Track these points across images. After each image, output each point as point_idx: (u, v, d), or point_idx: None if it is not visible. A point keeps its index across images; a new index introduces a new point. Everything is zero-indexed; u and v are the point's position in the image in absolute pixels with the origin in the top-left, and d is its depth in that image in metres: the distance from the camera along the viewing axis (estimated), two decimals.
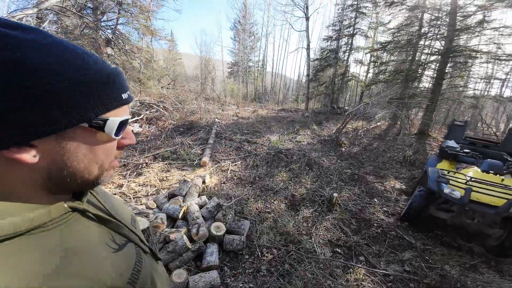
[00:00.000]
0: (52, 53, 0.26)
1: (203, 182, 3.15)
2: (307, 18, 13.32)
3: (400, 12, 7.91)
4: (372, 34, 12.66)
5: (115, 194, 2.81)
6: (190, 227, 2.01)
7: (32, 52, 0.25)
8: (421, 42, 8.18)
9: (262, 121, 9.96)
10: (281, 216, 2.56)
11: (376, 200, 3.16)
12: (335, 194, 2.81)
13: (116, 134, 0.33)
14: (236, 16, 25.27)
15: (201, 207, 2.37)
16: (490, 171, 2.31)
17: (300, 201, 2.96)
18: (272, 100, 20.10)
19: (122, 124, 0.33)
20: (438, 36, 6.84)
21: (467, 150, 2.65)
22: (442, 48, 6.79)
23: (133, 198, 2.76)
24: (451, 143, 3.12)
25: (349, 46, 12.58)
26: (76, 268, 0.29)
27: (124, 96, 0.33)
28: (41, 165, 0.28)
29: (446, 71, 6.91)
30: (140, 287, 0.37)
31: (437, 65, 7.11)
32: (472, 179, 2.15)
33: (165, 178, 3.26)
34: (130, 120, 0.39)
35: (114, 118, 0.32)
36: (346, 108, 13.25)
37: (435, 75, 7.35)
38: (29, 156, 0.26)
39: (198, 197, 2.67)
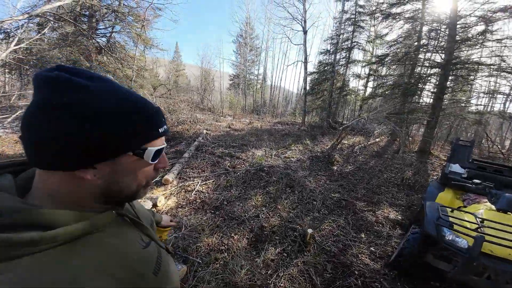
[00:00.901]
0: (111, 100, 0.35)
1: (154, 206, 2.64)
2: (305, 32, 13.32)
3: (397, 23, 7.68)
4: (370, 48, 12.51)
5: None
6: None
7: (98, 100, 0.34)
8: (420, 56, 7.85)
9: (255, 134, 9.52)
10: (237, 257, 2.01)
11: (363, 236, 2.59)
12: (310, 230, 2.26)
13: (153, 160, 0.41)
14: (239, 30, 25.83)
15: None
16: (509, 211, 1.76)
17: (269, 235, 2.41)
18: (270, 112, 19.86)
19: (158, 152, 0.42)
20: (437, 48, 6.50)
21: (478, 181, 2.09)
22: (442, 61, 6.41)
23: None
24: (456, 167, 2.58)
25: (347, 59, 12.40)
26: (123, 259, 0.39)
27: (161, 130, 0.42)
28: (99, 183, 0.38)
29: (447, 85, 6.48)
30: (160, 276, 0.45)
31: (438, 78, 6.70)
32: (485, 222, 1.61)
33: None
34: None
35: (151, 148, 0.40)
36: (345, 122, 12.84)
37: (435, 89, 6.93)
38: (90, 175, 0.36)
39: None
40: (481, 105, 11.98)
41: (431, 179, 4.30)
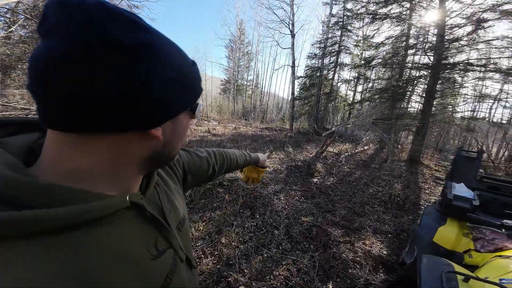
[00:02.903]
0: (177, 48, 0.30)
1: None
2: (293, 35, 12.89)
3: (384, 25, 7.23)
4: (358, 52, 12.16)
5: None
6: None
7: (165, 44, 0.28)
8: (409, 58, 7.39)
9: (235, 140, 8.77)
10: None
11: (330, 287, 1.82)
12: None
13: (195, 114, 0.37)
14: (230, 35, 25.46)
15: None
16: None
17: None
18: (260, 118, 19.23)
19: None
20: (426, 49, 6.01)
21: (510, 222, 1.33)
22: (431, 62, 5.91)
23: None
24: (461, 189, 1.87)
25: (335, 63, 11.98)
26: (109, 277, 0.26)
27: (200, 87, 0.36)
28: (158, 142, 0.31)
29: (437, 88, 5.97)
30: None
31: (427, 81, 6.19)
32: None
33: None
34: None
35: (200, 103, 0.37)
36: (333, 129, 12.29)
37: (424, 93, 6.42)
38: (159, 134, 0.30)
39: None
40: (469, 111, 11.69)
41: (425, 205, 3.60)
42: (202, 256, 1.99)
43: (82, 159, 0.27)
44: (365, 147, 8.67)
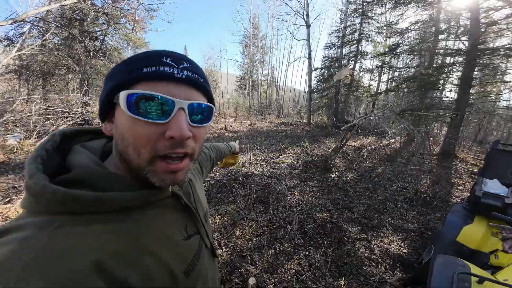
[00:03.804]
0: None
1: None
2: (308, 26, 12.43)
3: (409, 8, 6.60)
4: (381, 39, 11.31)
5: None
6: None
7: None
8: (440, 44, 6.68)
9: (250, 136, 8.85)
10: None
11: (342, 283, 1.79)
12: (252, 281, 1.53)
13: (131, 110, 0.31)
14: (244, 30, 25.36)
15: None
16: None
17: None
18: (276, 113, 19.04)
19: (139, 99, 0.31)
20: (459, 32, 5.37)
21: None
22: (466, 47, 5.29)
23: None
24: (493, 185, 1.70)
25: (355, 52, 11.31)
26: (155, 248, 0.33)
27: (146, 70, 0.32)
28: (115, 142, 0.35)
29: (475, 76, 5.33)
30: (191, 280, 0.37)
31: (462, 68, 5.55)
32: None
33: None
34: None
35: (125, 91, 0.31)
36: (354, 122, 11.67)
37: (459, 81, 5.78)
38: (108, 128, 0.37)
39: None
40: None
41: (457, 201, 3.29)
42: (218, 247, 2.09)
43: None
44: (391, 141, 8.14)
